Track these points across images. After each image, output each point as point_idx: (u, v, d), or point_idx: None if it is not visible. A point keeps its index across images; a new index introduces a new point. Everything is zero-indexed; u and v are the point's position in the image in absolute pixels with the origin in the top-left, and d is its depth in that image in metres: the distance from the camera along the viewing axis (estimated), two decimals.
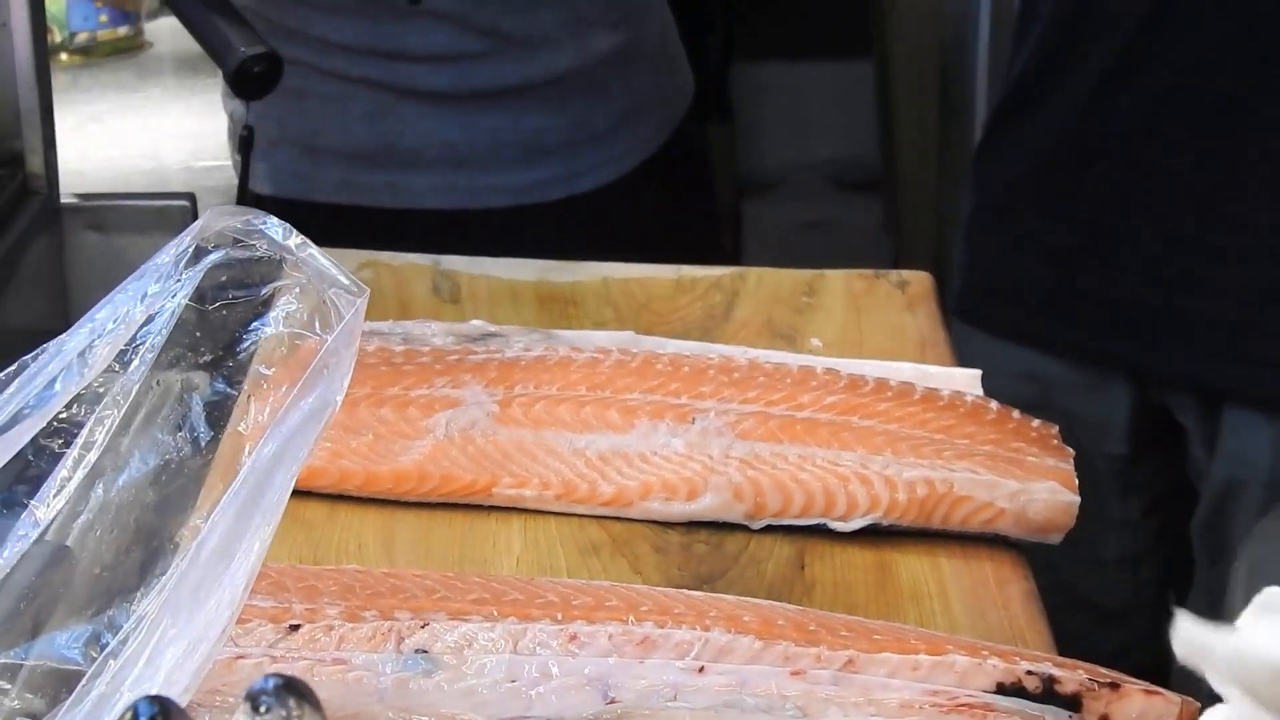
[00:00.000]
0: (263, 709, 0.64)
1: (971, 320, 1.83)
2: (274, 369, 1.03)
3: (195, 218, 1.68)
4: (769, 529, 1.18)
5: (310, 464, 1.18)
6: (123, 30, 2.50)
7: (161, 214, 1.67)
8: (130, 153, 2.14)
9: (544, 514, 1.19)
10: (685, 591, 1.07)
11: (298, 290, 0.98)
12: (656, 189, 1.96)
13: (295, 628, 1.00)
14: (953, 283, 1.86)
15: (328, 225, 1.78)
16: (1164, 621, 1.62)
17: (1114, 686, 1.00)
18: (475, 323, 1.35)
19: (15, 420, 0.90)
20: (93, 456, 0.93)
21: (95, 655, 0.89)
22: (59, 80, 2.36)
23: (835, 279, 1.52)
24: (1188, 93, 1.65)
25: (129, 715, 0.63)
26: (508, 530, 1.18)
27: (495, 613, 1.01)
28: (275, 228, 0.95)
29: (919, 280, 1.51)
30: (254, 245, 0.95)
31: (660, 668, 0.99)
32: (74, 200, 1.65)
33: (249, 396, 1.03)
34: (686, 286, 1.50)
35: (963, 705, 0.98)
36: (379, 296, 1.47)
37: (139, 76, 2.43)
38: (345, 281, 0.95)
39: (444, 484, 1.19)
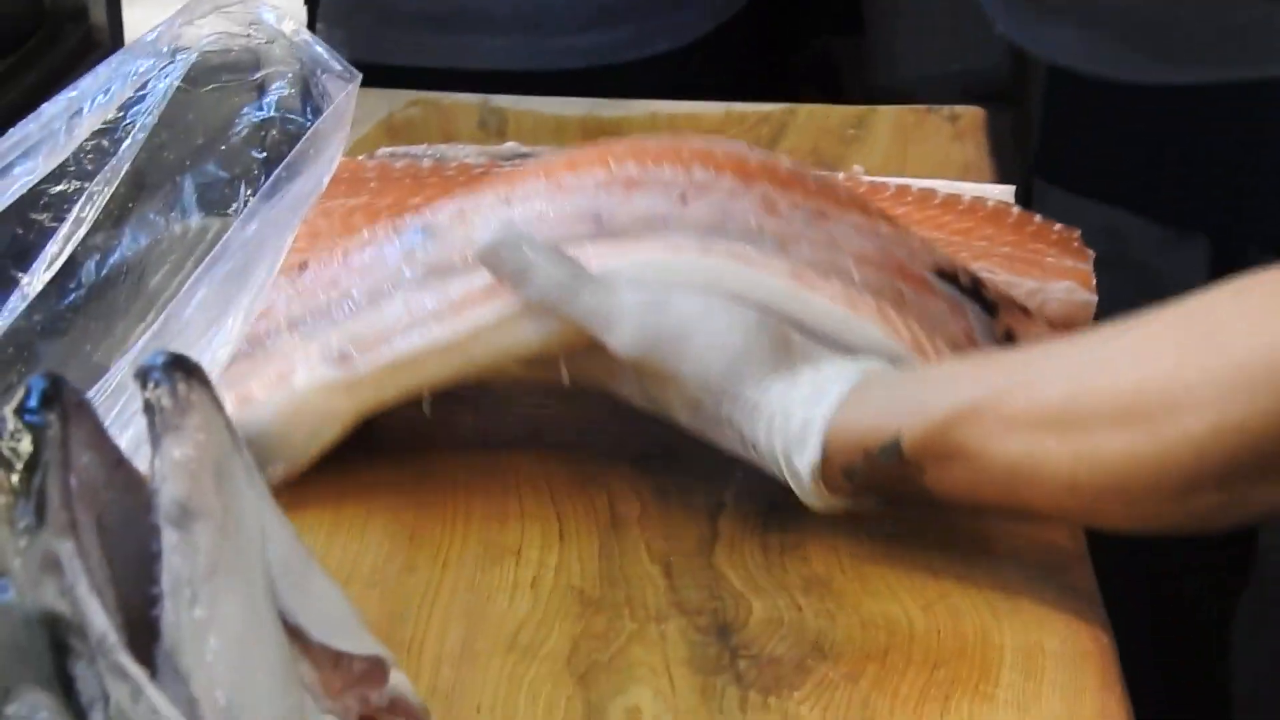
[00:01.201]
0: (151, 385, 0.65)
1: (1051, 177, 1.81)
2: (264, 152, 1.05)
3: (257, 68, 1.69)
4: None
5: None
6: None
7: (230, 67, 1.67)
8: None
9: None
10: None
11: (290, 75, 0.99)
12: (734, 53, 1.95)
13: (304, 265, 1.07)
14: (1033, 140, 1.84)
15: (403, 87, 1.79)
16: None
17: (1025, 312, 1.07)
18: (509, 144, 1.35)
19: None
20: (82, 233, 0.94)
21: None
22: None
23: (886, 113, 1.52)
24: None
25: (22, 392, 0.63)
26: None
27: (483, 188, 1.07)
28: (269, 12, 0.96)
29: (970, 114, 1.51)
30: (247, 29, 0.96)
31: (647, 200, 1.03)
32: None
33: (238, 178, 1.04)
34: (735, 120, 1.51)
35: (909, 274, 1.03)
36: (424, 131, 1.49)
37: None
38: (337, 67, 0.96)
39: None
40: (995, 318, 1.07)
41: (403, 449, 1.07)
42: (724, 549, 0.99)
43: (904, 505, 0.97)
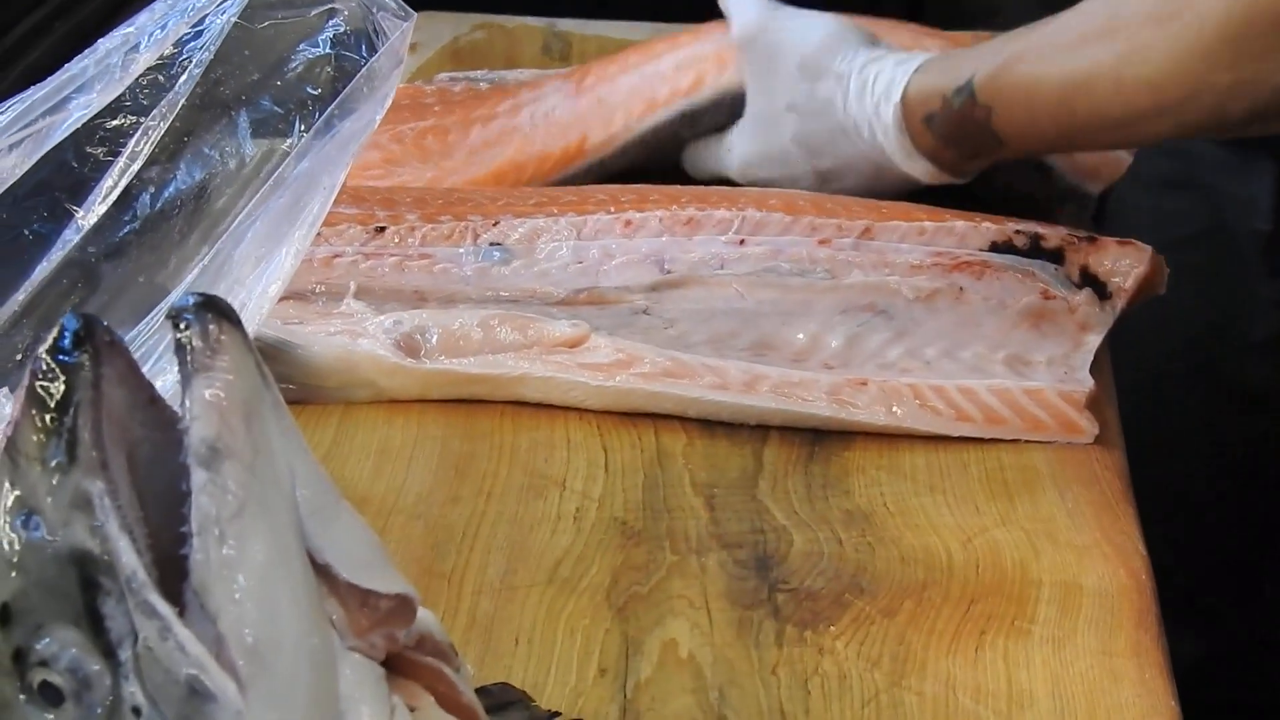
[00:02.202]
0: (183, 326, 0.66)
1: None
2: (318, 89, 1.07)
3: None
4: None
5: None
6: None
7: (286, 3, 1.67)
8: None
9: None
10: (717, 188, 1.18)
11: (346, 13, 0.99)
12: None
13: (381, 229, 1.12)
14: None
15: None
16: None
17: (1091, 240, 1.11)
18: (570, 69, 1.36)
19: (51, 113, 0.91)
20: (137, 167, 0.95)
21: None
22: None
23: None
24: None
25: (55, 332, 0.65)
26: None
27: (555, 211, 1.13)
28: None
29: None
30: None
31: (706, 242, 1.11)
32: None
33: (292, 114, 1.05)
34: None
35: (963, 264, 1.09)
36: (489, 56, 1.49)
37: None
38: (393, 5, 0.96)
39: (541, 164, 1.24)
40: (1063, 263, 1.10)
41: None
42: (767, 482, 1.00)
43: (978, 159, 1.12)
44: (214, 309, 0.67)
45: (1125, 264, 1.10)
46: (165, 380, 0.85)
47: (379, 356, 1.04)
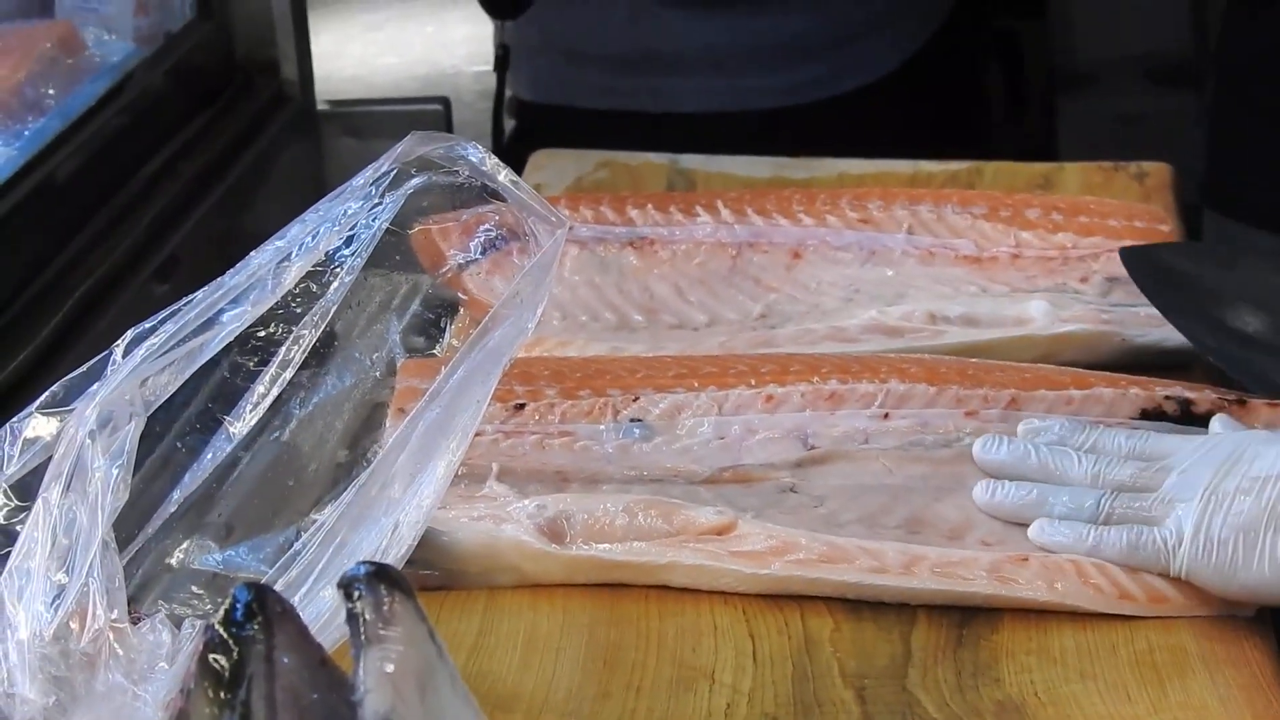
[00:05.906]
0: (355, 596, 0.67)
1: (1219, 206, 1.79)
2: (468, 298, 1.09)
3: (449, 121, 1.71)
4: None
5: None
6: None
7: (415, 118, 1.70)
8: (407, 59, 2.19)
9: None
10: (859, 357, 1.18)
11: (497, 218, 1.00)
12: (923, 86, 1.94)
13: (520, 406, 1.13)
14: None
15: (589, 130, 1.81)
16: None
17: (1241, 403, 1.10)
18: None
19: (203, 329, 0.92)
20: (289, 375, 0.96)
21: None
22: None
23: (1072, 171, 1.50)
24: None
25: (228, 603, 0.66)
26: None
27: (695, 384, 1.13)
28: (476, 154, 0.95)
29: (1158, 171, 1.49)
30: (455, 171, 0.96)
31: (850, 416, 1.11)
32: (328, 106, 1.70)
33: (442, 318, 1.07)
34: (922, 180, 1.50)
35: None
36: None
37: None
38: (544, 212, 0.96)
39: None
40: None
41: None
42: (917, 671, 0.99)
43: None
44: (386, 580, 0.68)
45: (1276, 425, 1.09)
46: (325, 596, 0.86)
47: (523, 542, 1.05)
